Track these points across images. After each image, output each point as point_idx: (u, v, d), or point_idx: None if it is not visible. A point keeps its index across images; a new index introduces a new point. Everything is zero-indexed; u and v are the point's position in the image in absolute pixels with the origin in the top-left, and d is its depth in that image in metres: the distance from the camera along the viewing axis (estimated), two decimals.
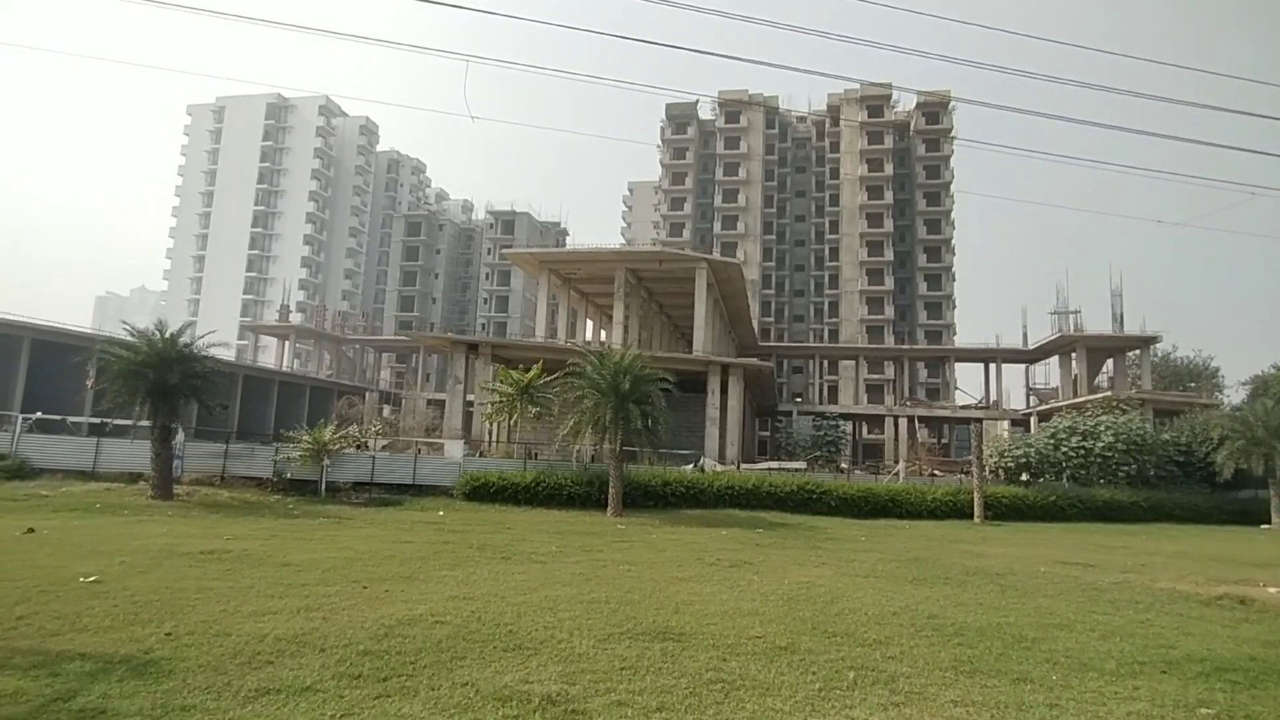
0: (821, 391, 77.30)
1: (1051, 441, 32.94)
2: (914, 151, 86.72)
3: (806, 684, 6.35)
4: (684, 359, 40.97)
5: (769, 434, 69.13)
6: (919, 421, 63.35)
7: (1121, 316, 59.76)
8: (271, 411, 55.21)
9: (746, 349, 65.93)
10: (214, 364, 25.03)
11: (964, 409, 65.83)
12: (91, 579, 9.52)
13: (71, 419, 29.73)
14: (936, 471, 39.08)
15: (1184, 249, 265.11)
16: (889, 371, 77.60)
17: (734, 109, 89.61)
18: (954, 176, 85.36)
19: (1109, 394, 47.90)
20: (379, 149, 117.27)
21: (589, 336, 59.85)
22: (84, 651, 6.43)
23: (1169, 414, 43.15)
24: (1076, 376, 57.83)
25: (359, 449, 27.95)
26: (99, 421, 27.39)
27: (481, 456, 30.33)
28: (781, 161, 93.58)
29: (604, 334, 58.90)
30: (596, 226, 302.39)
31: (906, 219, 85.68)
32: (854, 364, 72.13)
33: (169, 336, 22.81)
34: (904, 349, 72.52)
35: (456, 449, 28.47)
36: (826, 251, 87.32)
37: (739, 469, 31.43)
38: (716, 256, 62.18)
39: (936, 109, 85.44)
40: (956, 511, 26.94)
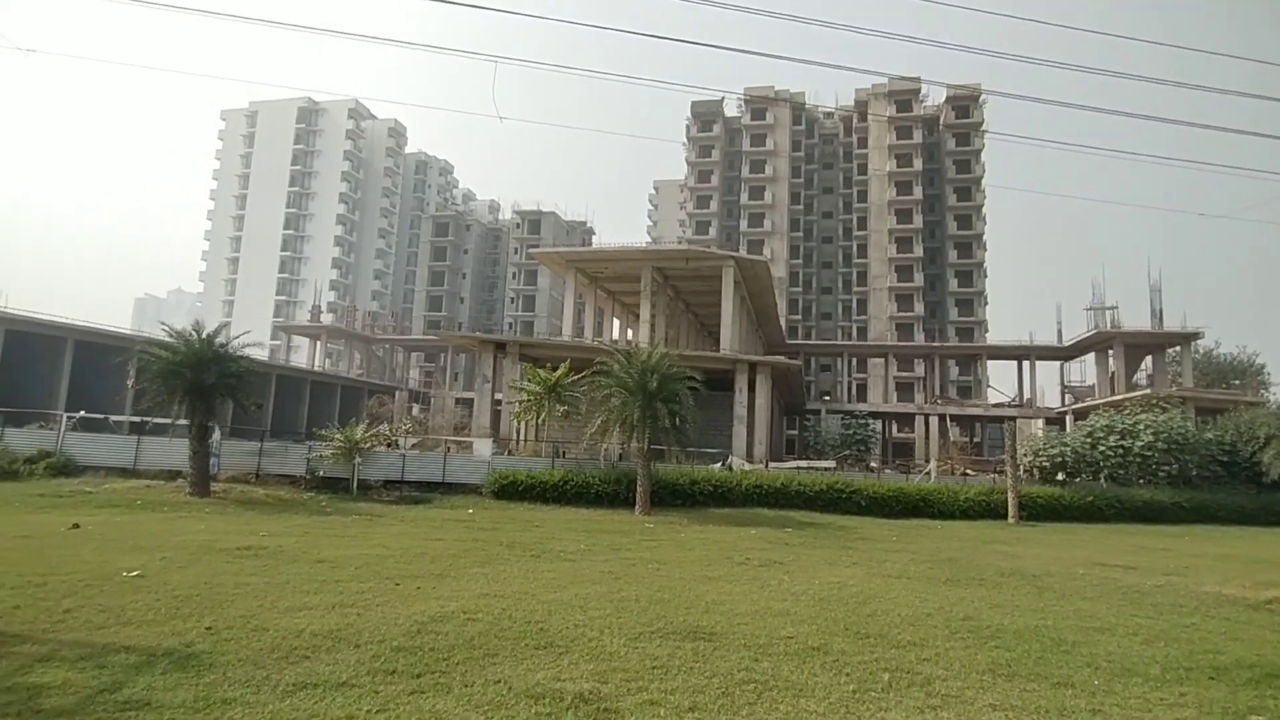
0: (850, 390, 76.56)
1: (1088, 440, 32.27)
2: (944, 146, 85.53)
3: (840, 686, 6.28)
4: (711, 357, 40.84)
5: (797, 433, 68.63)
6: (950, 420, 62.49)
7: (1161, 312, 58.41)
8: (304, 410, 56.09)
9: (774, 347, 65.52)
10: (249, 364, 25.45)
11: (997, 407, 64.82)
12: (134, 574, 9.73)
13: (113, 418, 30.49)
14: (969, 471, 38.49)
15: (1227, 243, 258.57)
16: (919, 369, 76.62)
17: (760, 106, 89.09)
18: (985, 171, 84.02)
19: (1148, 392, 46.84)
20: (407, 151, 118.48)
21: (616, 335, 59.89)
22: (128, 644, 6.58)
23: (1212, 412, 42.08)
24: (1114, 374, 56.63)
25: (389, 447, 28.26)
26: (139, 420, 28.01)
27: (510, 455, 30.51)
28: (808, 158, 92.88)
29: (630, 333, 58.94)
30: (622, 225, 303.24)
31: (936, 214, 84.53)
32: (883, 362, 71.34)
33: (206, 337, 23.20)
34: (935, 346, 71.56)
35: (485, 447, 28.67)
36: (855, 248, 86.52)
37: (767, 468, 31.23)
38: (743, 254, 61.86)
39: (967, 102, 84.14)
40: (990, 511, 26.53)
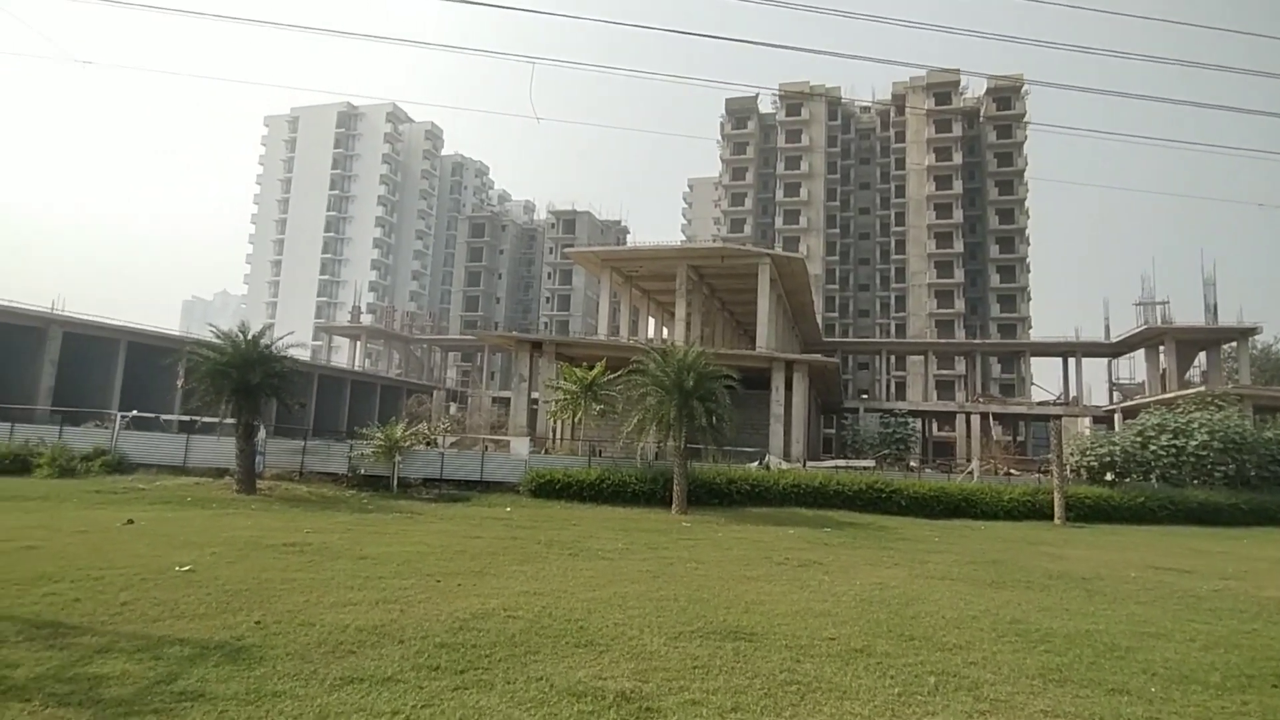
0: (889, 388, 75.59)
1: (1139, 440, 31.31)
2: (984, 139, 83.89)
3: (885, 688, 6.18)
4: (747, 355, 40.62)
5: (834, 431, 67.99)
6: (993, 419, 61.30)
7: (1215, 307, 56.46)
8: (345, 409, 57.10)
9: (810, 345, 64.97)
10: (292, 364, 25.99)
11: (1041, 405, 63.45)
12: (186, 568, 9.99)
13: (163, 417, 31.38)
14: (1013, 470, 37.70)
15: None
16: (960, 367, 75.34)
17: (795, 101, 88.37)
18: (1028, 163, 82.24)
19: (1202, 389, 45.30)
20: (444, 153, 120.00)
21: (651, 334, 59.91)
22: (182, 637, 6.75)
23: (1271, 410, 40.67)
24: (1165, 371, 55.00)
25: (428, 446, 28.59)
26: (188, 419, 28.79)
27: (546, 454, 30.70)
28: (845, 153, 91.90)
29: (666, 331, 58.89)
30: (657, 224, 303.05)
31: (977, 209, 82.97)
32: (923, 359, 70.29)
33: (251, 338, 23.71)
34: (976, 343, 70.27)
35: (522, 446, 28.87)
36: (893, 244, 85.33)
37: (805, 467, 30.95)
38: (779, 251, 61.41)
39: (1008, 93, 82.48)
40: (1035, 512, 25.92)
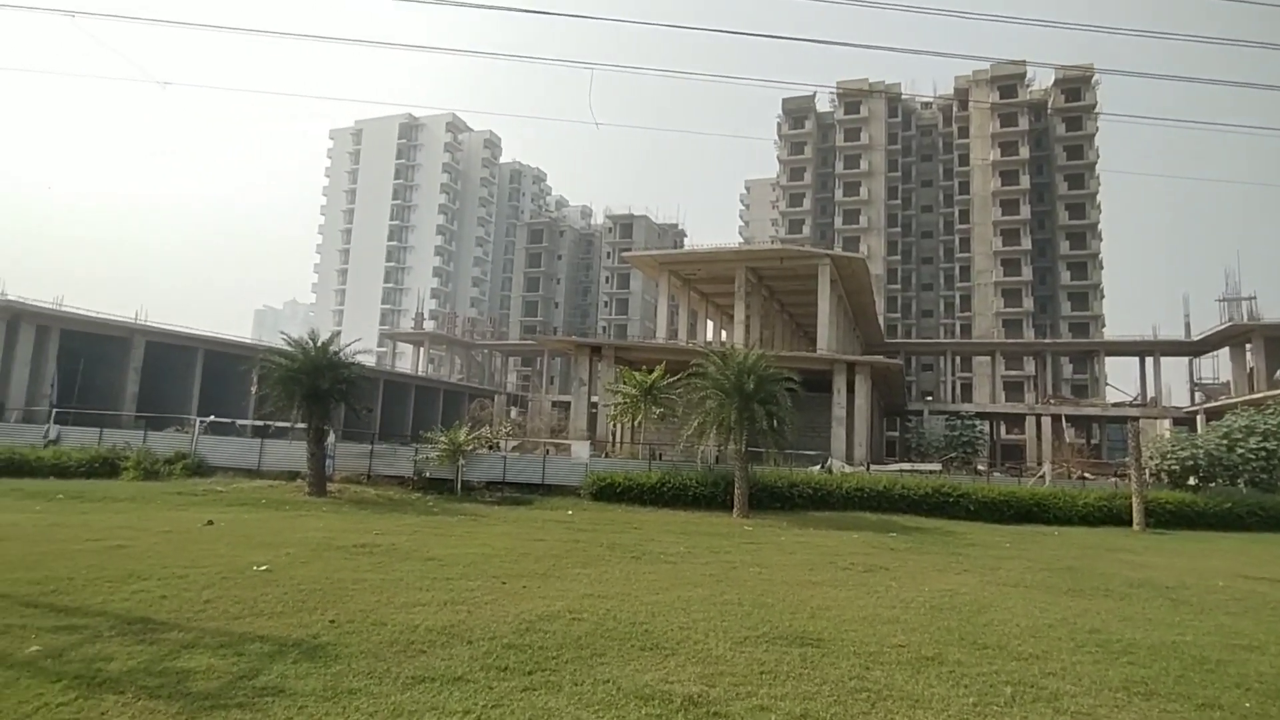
0: (954, 389, 73.56)
1: (1224, 442, 29.70)
2: (1053, 132, 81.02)
3: (959, 697, 6.02)
4: (808, 358, 40.12)
5: (898, 434, 66.58)
6: (1065, 421, 59.07)
7: None
8: (409, 414, 58.51)
9: (872, 346, 63.79)
10: (359, 370, 26.73)
11: (1117, 407, 60.86)
12: (263, 568, 10.38)
13: (239, 422, 32.67)
14: (1087, 475, 36.23)
15: None
16: (1029, 367, 72.88)
17: (854, 99, 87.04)
18: (1099, 156, 79.07)
19: None
20: (502, 161, 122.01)
21: (710, 337, 59.72)
22: (262, 634, 7.01)
23: None
24: (1252, 370, 52.10)
25: (491, 449, 29.05)
26: (262, 424, 29.91)
27: (606, 457, 30.87)
28: (906, 150, 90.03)
29: (725, 334, 58.63)
30: (714, 227, 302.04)
31: (1045, 204, 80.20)
32: (989, 360, 68.22)
33: (320, 345, 24.49)
34: (1046, 343, 67.86)
35: (583, 449, 29.10)
36: (957, 242, 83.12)
37: (868, 470, 30.36)
38: (839, 252, 60.52)
39: (1078, 84, 79.46)
40: (1112, 518, 24.86)
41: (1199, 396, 61.50)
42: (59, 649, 6.33)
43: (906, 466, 34.64)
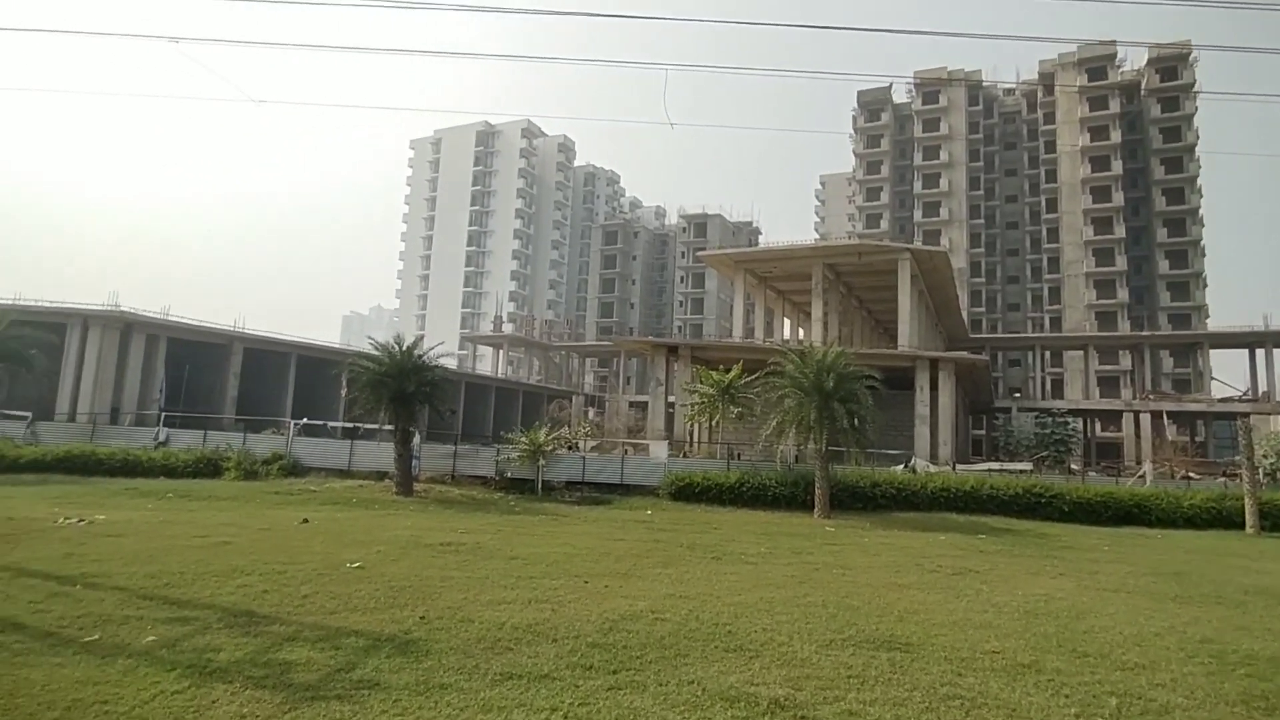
0: (1044, 385, 70.22)
1: None
2: (1147, 114, 76.57)
3: (1059, 708, 5.75)
4: (889, 355, 39.08)
5: (984, 433, 64.16)
6: (1166, 417, 55.65)
7: None
8: (490, 415, 59.82)
9: (956, 342, 61.68)
10: (442, 372, 27.47)
11: (1224, 402, 56.96)
12: (356, 565, 10.78)
13: (330, 424, 34.08)
14: (1192, 474, 33.99)
15: None
16: (1125, 362, 69.17)
17: (932, 88, 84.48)
18: (1199, 137, 74.27)
19: None
20: (576, 164, 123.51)
21: (787, 335, 58.93)
22: (357, 629, 7.27)
23: None
24: None
25: (570, 450, 29.39)
26: (351, 426, 31.10)
27: (684, 457, 30.79)
28: (988, 139, 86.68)
29: (802, 332, 57.71)
30: (789, 224, 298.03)
31: (1140, 190, 75.84)
32: (1082, 354, 64.96)
33: (405, 349, 25.31)
34: (1143, 336, 64.06)
35: (660, 449, 29.12)
36: (1044, 233, 79.50)
37: (954, 470, 29.33)
38: (919, 246, 58.76)
39: (1174, 63, 74.88)
40: (1221, 520, 23.22)
41: None
42: (172, 639, 6.73)
43: (995, 466, 33.26)
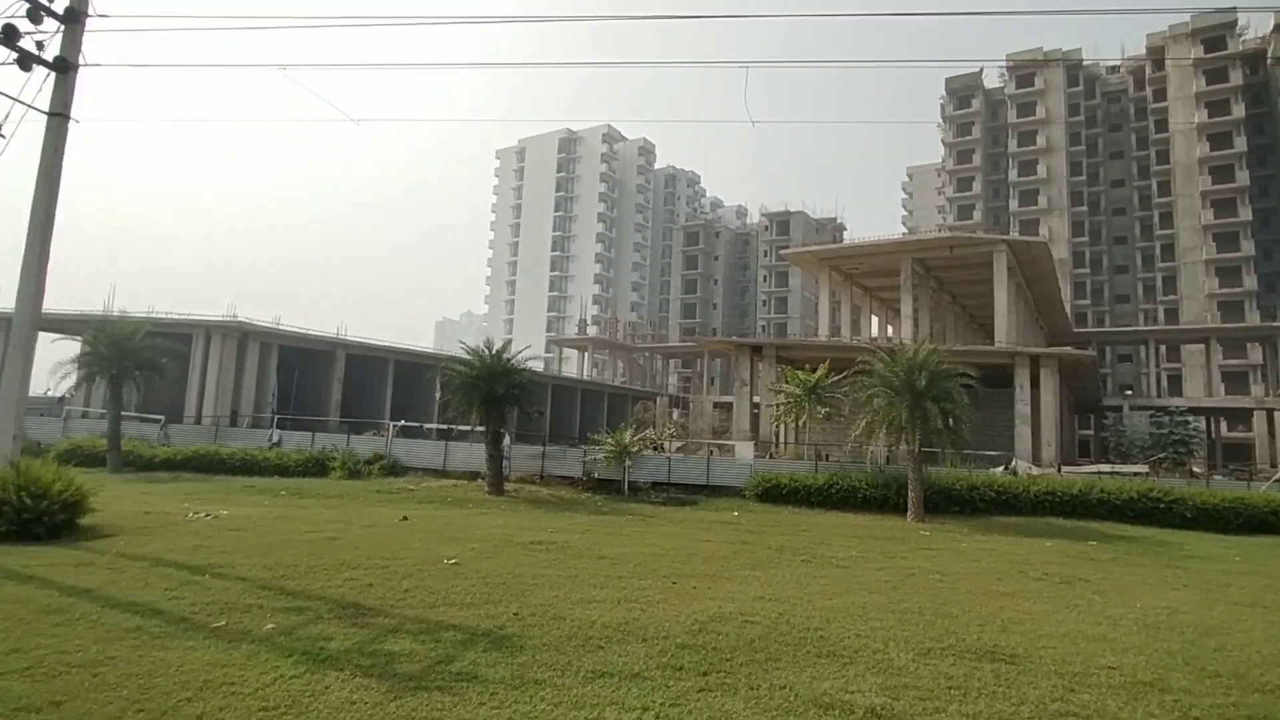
0: (1159, 382, 65.89)
1: None
2: (1275, 85, 70.64)
3: None
4: (985, 351, 37.50)
5: (1093, 433, 60.72)
6: None
7: None
8: (576, 416, 60.73)
9: (1058, 337, 58.63)
10: (530, 375, 28.10)
11: None
12: (452, 561, 11.16)
13: (425, 425, 35.38)
14: None
15: None
16: (1255, 355, 63.97)
17: (1026, 71, 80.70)
18: None
19: None
20: (656, 166, 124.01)
21: (874, 333, 57.43)
22: (454, 623, 7.54)
23: None
24: None
25: (656, 451, 29.50)
26: (445, 428, 32.19)
27: (770, 458, 30.45)
28: (1089, 121, 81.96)
29: (891, 329, 56.16)
30: (875, 219, 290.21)
31: (1268, 168, 70.11)
32: (1203, 348, 60.66)
33: (495, 353, 26.03)
34: (1275, 326, 59.16)
35: (746, 450, 28.89)
36: (1156, 218, 74.52)
37: (1059, 472, 27.87)
38: (1016, 236, 56.19)
39: None
40: None
41: None
42: (289, 628, 7.15)
43: (1105, 468, 31.41)
